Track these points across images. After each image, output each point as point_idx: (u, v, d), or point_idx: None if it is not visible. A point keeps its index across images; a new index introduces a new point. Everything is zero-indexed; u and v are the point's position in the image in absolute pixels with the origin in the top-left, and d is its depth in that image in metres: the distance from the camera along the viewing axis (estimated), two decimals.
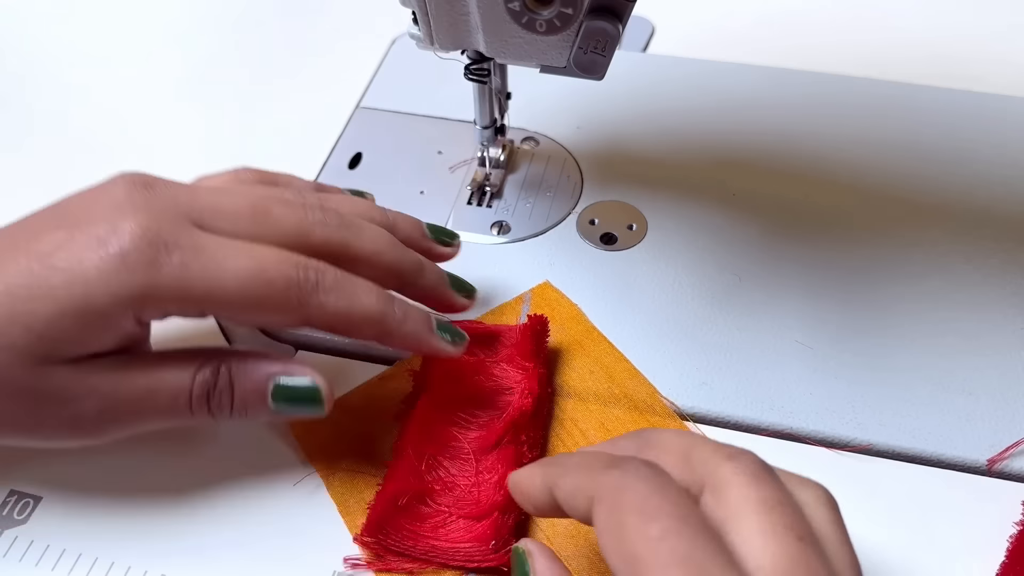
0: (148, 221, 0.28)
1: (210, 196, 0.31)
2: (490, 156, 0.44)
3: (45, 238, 0.28)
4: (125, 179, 0.30)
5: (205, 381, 0.29)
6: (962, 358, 0.36)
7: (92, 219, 0.28)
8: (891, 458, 0.34)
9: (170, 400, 0.29)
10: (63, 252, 0.28)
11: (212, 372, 0.30)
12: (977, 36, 0.52)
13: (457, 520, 0.31)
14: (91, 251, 0.28)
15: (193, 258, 0.28)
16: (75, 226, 0.28)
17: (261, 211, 0.31)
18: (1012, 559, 0.30)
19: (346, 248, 0.32)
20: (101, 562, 0.31)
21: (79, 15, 0.57)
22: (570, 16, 0.31)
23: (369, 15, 0.55)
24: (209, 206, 0.30)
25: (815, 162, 0.44)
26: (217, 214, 0.30)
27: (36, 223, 0.30)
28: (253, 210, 0.31)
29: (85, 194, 0.30)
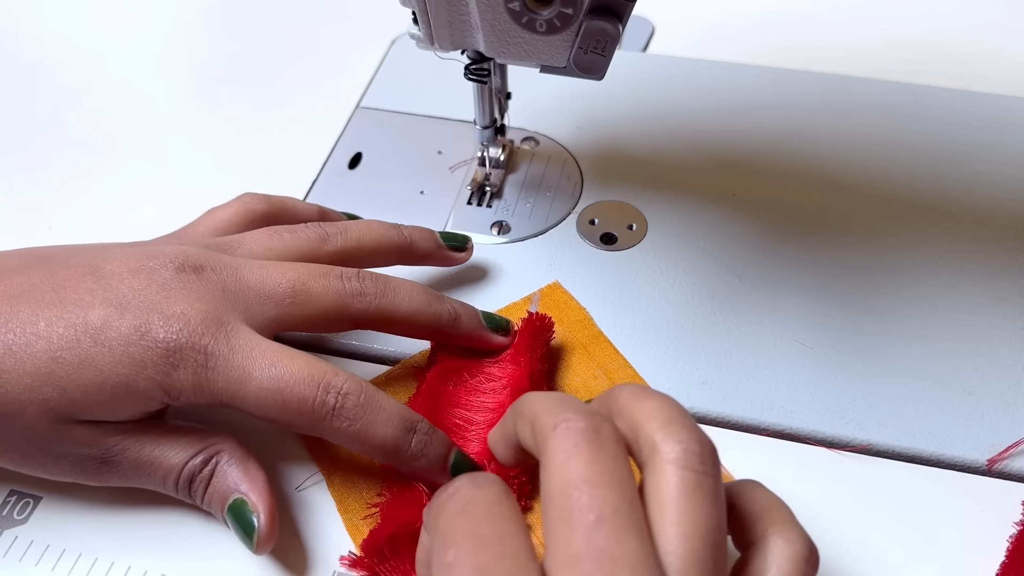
0: (197, 324, 0.30)
1: (253, 279, 0.32)
2: (490, 156, 0.44)
3: (94, 312, 0.30)
4: (175, 260, 0.31)
5: (192, 469, 0.31)
6: (962, 358, 0.36)
7: (143, 304, 0.30)
8: (891, 458, 0.34)
9: (162, 476, 0.31)
10: (112, 332, 0.29)
11: (201, 463, 0.31)
12: (978, 36, 0.52)
13: None
14: (139, 337, 0.29)
15: (224, 365, 0.30)
16: (125, 308, 0.30)
17: (301, 292, 0.32)
18: (1012, 559, 0.30)
19: (383, 315, 0.33)
20: (101, 562, 0.31)
21: (81, 15, 0.57)
22: (570, 16, 0.31)
23: (369, 15, 0.55)
24: (253, 292, 0.32)
25: (815, 162, 0.44)
26: (260, 300, 0.32)
27: (81, 285, 0.30)
28: (294, 292, 0.32)
29: (130, 264, 0.31)
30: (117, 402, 0.30)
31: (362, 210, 0.41)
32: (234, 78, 0.52)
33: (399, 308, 0.33)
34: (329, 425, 0.30)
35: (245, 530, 0.30)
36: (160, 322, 0.29)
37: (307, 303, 0.32)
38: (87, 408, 0.29)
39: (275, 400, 0.30)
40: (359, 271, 0.34)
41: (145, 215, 0.44)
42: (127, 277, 0.31)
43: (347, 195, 0.44)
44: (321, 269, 0.33)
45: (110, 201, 0.40)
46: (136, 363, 0.29)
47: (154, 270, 0.31)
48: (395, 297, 0.33)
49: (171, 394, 0.30)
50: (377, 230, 0.37)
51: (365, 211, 0.41)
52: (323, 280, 0.33)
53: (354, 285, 0.33)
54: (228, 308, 0.31)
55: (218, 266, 0.32)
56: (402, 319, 0.34)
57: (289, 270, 0.33)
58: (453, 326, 0.34)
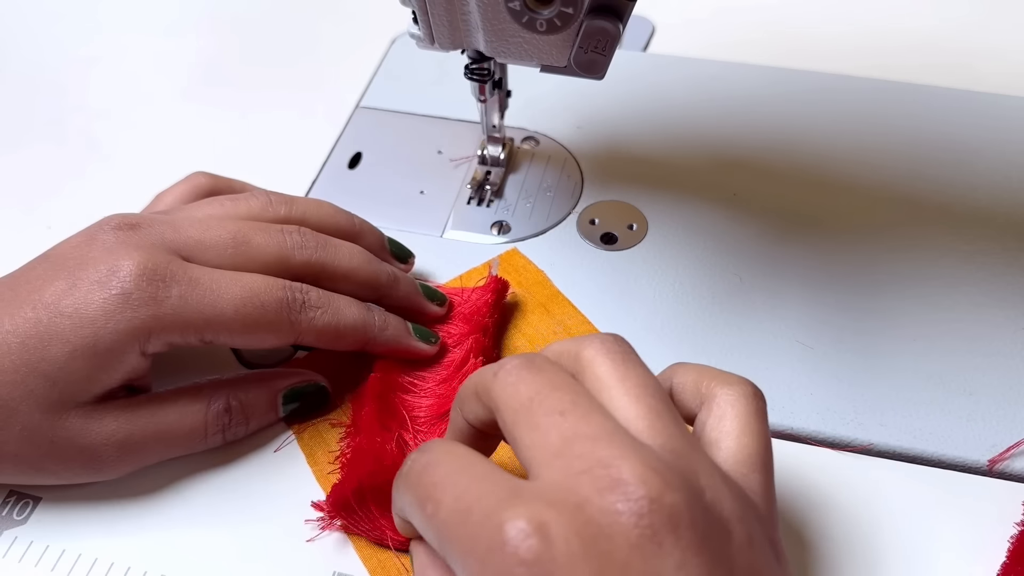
0: (143, 259, 0.30)
1: (193, 230, 0.33)
2: (490, 155, 0.44)
3: (48, 288, 0.30)
4: (110, 222, 0.32)
5: (219, 415, 0.32)
6: (963, 358, 0.36)
7: (89, 264, 0.30)
8: (892, 458, 0.34)
9: (186, 436, 0.32)
10: (67, 299, 0.30)
11: (224, 406, 0.32)
12: (977, 36, 0.52)
13: None
14: (94, 294, 0.30)
15: (190, 290, 0.30)
16: (74, 273, 0.30)
17: (242, 241, 0.33)
18: (1013, 560, 0.30)
19: (324, 268, 0.34)
20: (101, 562, 0.31)
21: (80, 15, 0.57)
22: (570, 15, 0.31)
23: (369, 14, 0.55)
24: (194, 240, 0.32)
25: (815, 162, 0.44)
26: (202, 247, 0.32)
27: (33, 274, 0.31)
28: (235, 241, 0.33)
29: (74, 241, 0.32)
30: (96, 368, 0.30)
31: (362, 210, 0.41)
32: (234, 77, 0.52)
33: (339, 262, 0.34)
34: (307, 318, 0.32)
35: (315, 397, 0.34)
36: (109, 275, 0.30)
37: (248, 253, 0.33)
38: (71, 385, 0.30)
39: (254, 306, 0.31)
40: (300, 227, 0.34)
41: None
42: (70, 252, 0.31)
43: (347, 195, 0.44)
44: (261, 224, 0.34)
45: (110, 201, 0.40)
46: (96, 321, 0.29)
47: (94, 236, 0.32)
48: (336, 252, 0.34)
49: (144, 339, 0.30)
50: (326, 209, 0.37)
51: (365, 211, 0.41)
52: (264, 233, 0.33)
53: (295, 238, 0.34)
54: (170, 254, 0.31)
55: (154, 221, 0.32)
56: (342, 274, 0.34)
57: (229, 223, 0.33)
58: (391, 287, 0.35)
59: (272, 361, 0.37)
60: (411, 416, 0.34)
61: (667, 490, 0.22)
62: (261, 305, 0.31)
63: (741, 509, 0.23)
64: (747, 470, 0.26)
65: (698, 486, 0.23)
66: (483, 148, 0.44)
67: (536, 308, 0.38)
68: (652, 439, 0.24)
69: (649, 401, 0.25)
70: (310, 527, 0.32)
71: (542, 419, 0.24)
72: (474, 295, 0.38)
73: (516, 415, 0.24)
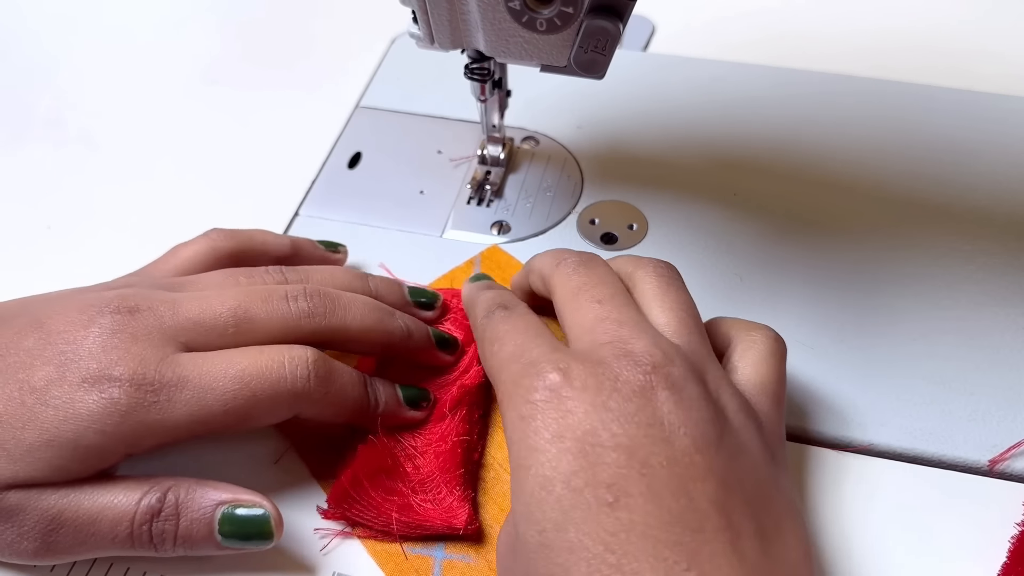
0: (135, 365, 0.29)
1: (192, 310, 0.31)
2: (490, 154, 0.44)
3: (37, 372, 0.29)
4: (111, 304, 0.31)
5: (150, 507, 0.29)
6: (963, 358, 0.36)
7: (83, 356, 0.29)
8: (892, 458, 0.34)
9: (111, 526, 0.29)
10: (55, 390, 0.29)
11: (159, 499, 0.29)
12: (978, 36, 0.52)
13: (418, 494, 0.32)
14: (83, 392, 0.29)
15: (178, 392, 0.29)
16: (65, 364, 0.29)
17: (244, 319, 0.31)
18: (1013, 560, 0.30)
19: (334, 334, 0.33)
20: (101, 563, 0.31)
21: (80, 14, 0.57)
22: (571, 15, 0.31)
23: (368, 14, 0.55)
24: (192, 323, 0.31)
25: (816, 162, 0.44)
26: (202, 330, 0.31)
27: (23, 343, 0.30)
28: (236, 319, 0.31)
29: (70, 315, 0.31)
30: (69, 460, 0.28)
31: (362, 210, 0.41)
32: (233, 77, 0.52)
33: (350, 327, 0.33)
34: (308, 395, 0.30)
35: (256, 527, 0.29)
36: (101, 373, 0.29)
37: (252, 331, 0.31)
38: (32, 467, 0.28)
39: (246, 398, 0.29)
40: (305, 288, 0.33)
41: (144, 215, 0.44)
42: (65, 331, 0.30)
43: (346, 195, 0.44)
44: (264, 292, 0.32)
45: (109, 201, 0.40)
46: (82, 418, 0.28)
47: (92, 319, 0.30)
48: (345, 316, 0.33)
49: (130, 442, 0.29)
50: (341, 278, 0.35)
51: (365, 211, 0.41)
52: (266, 305, 0.32)
53: (301, 306, 0.32)
54: (167, 343, 0.30)
55: (154, 303, 0.31)
56: (354, 337, 0.33)
57: (229, 297, 0.32)
58: (404, 343, 0.34)
59: None
60: None
61: (670, 364, 0.27)
62: (253, 396, 0.30)
63: (740, 408, 0.27)
64: (757, 392, 0.29)
65: (702, 376, 0.27)
66: (483, 148, 0.44)
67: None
68: (674, 339, 0.29)
69: (680, 313, 0.30)
70: (320, 536, 0.32)
71: (583, 303, 0.30)
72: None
73: (565, 298, 0.31)
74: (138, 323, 0.30)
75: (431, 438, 0.33)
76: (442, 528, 0.31)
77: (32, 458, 0.28)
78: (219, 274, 0.34)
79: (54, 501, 0.29)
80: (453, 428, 0.33)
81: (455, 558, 0.31)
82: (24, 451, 0.28)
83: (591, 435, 0.25)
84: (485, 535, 0.31)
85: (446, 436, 0.33)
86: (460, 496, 0.31)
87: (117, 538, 0.29)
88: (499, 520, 0.32)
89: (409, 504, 0.31)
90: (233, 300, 0.32)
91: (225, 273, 0.34)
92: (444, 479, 0.32)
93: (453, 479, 0.32)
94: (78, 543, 0.29)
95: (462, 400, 0.34)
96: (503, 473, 0.33)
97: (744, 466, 0.26)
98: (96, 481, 0.29)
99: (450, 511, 0.31)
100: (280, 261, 0.37)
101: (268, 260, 0.37)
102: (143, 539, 0.29)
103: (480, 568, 0.31)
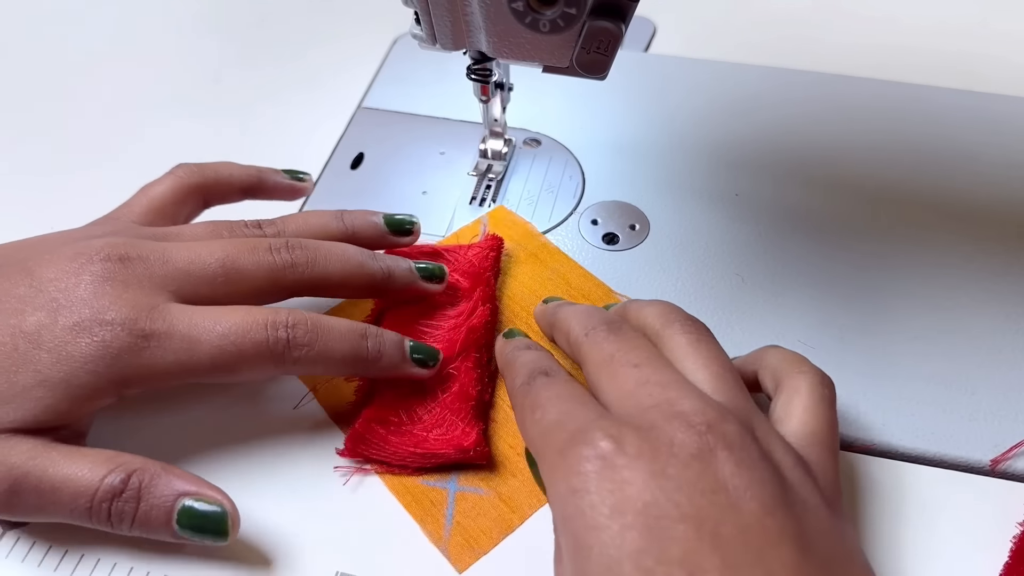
0: (128, 310, 0.30)
1: (182, 261, 0.32)
2: (492, 149, 0.44)
3: (29, 318, 0.30)
4: (101, 251, 0.31)
5: (112, 487, 0.29)
6: (965, 358, 0.36)
7: (75, 302, 0.30)
8: (894, 458, 0.34)
9: (72, 498, 0.29)
10: (47, 334, 0.30)
11: (122, 480, 0.29)
12: (977, 36, 0.52)
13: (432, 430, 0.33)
14: (76, 336, 0.30)
15: (168, 340, 0.30)
16: (57, 310, 0.30)
17: (232, 270, 0.32)
18: (1015, 559, 0.30)
19: (317, 284, 0.34)
20: (103, 564, 0.31)
21: (81, 14, 0.57)
22: (573, 16, 0.31)
23: (370, 15, 0.55)
24: (183, 272, 0.32)
25: (817, 162, 0.44)
26: (192, 280, 0.32)
27: (14, 291, 0.31)
28: (225, 270, 0.32)
29: (60, 263, 0.31)
30: (59, 398, 0.29)
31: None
32: (235, 78, 0.52)
33: (332, 273, 0.34)
34: (290, 356, 0.31)
35: (213, 524, 0.29)
36: (93, 318, 0.30)
37: (239, 280, 0.32)
38: (23, 407, 0.29)
39: (231, 353, 0.30)
40: (287, 241, 0.34)
41: None
42: (57, 279, 0.31)
43: (349, 196, 0.44)
44: (249, 244, 0.33)
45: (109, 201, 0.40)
46: (75, 359, 0.29)
47: (83, 267, 0.31)
48: (327, 264, 0.34)
49: (120, 383, 0.30)
50: (315, 223, 0.36)
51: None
52: (253, 255, 0.33)
53: (284, 257, 0.33)
54: (158, 291, 0.31)
55: (144, 252, 0.32)
56: (337, 283, 0.34)
57: (217, 248, 0.33)
58: (387, 283, 0.35)
59: None
60: None
61: (724, 422, 0.26)
62: (238, 352, 0.30)
63: (795, 464, 0.26)
64: (807, 443, 0.28)
65: (752, 431, 0.26)
66: (484, 142, 0.44)
67: (528, 258, 0.40)
68: (715, 396, 0.28)
69: (716, 369, 0.29)
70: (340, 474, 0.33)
71: (619, 369, 0.29)
72: (471, 252, 0.39)
73: (599, 368, 0.30)
74: (129, 271, 0.31)
75: (443, 380, 0.35)
76: (453, 453, 0.32)
77: (24, 398, 0.29)
78: (201, 226, 0.35)
79: (22, 461, 0.29)
80: (463, 369, 0.34)
81: (467, 490, 0.33)
82: (16, 392, 0.29)
83: (654, 507, 0.24)
84: (496, 467, 0.33)
85: (457, 377, 0.34)
86: (469, 423, 0.33)
87: (76, 510, 0.29)
88: (509, 457, 0.33)
89: (422, 438, 0.33)
90: (221, 251, 0.33)
91: (207, 226, 0.35)
92: (454, 413, 0.33)
93: (463, 411, 0.33)
94: (37, 508, 0.29)
95: (470, 342, 0.35)
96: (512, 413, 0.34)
97: (812, 525, 0.25)
98: (65, 449, 0.30)
99: (460, 436, 0.33)
100: (247, 191, 0.39)
101: (235, 191, 0.38)
102: (101, 515, 0.29)
103: (491, 500, 0.32)
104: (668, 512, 0.23)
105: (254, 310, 0.31)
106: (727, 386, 0.28)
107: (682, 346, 0.30)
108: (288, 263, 0.33)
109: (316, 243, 0.34)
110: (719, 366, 0.29)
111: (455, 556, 0.31)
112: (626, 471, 0.24)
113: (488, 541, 0.31)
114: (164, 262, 0.32)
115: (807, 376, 0.30)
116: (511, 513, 0.32)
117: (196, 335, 0.30)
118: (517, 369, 0.32)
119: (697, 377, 0.28)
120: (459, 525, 0.32)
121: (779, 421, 0.29)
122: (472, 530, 0.32)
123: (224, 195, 0.39)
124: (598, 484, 0.24)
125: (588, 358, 0.30)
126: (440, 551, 0.31)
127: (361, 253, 0.35)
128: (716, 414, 0.26)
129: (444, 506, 0.32)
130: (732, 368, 0.29)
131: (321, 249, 0.34)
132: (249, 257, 0.33)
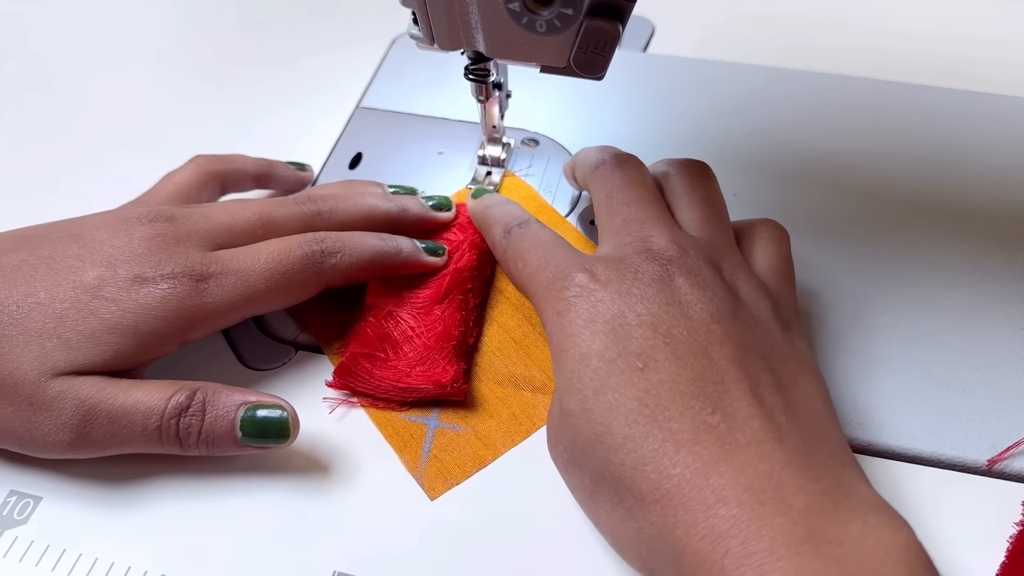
0: (183, 261, 0.33)
1: (223, 216, 0.35)
2: (490, 155, 0.44)
3: (89, 272, 0.32)
4: (148, 214, 0.34)
5: (178, 404, 0.31)
6: (962, 358, 0.36)
7: (131, 258, 0.33)
8: (891, 458, 0.34)
9: (143, 419, 0.31)
10: (109, 287, 0.32)
11: (187, 396, 0.31)
12: (977, 36, 0.52)
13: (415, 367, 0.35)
14: (139, 286, 0.32)
15: (224, 278, 0.33)
16: (115, 264, 0.32)
17: (267, 220, 0.36)
18: (1012, 559, 0.30)
19: (344, 225, 0.37)
20: (101, 562, 0.31)
21: (79, 14, 0.57)
22: (570, 16, 0.31)
23: (369, 15, 0.55)
24: (225, 227, 0.35)
25: (815, 162, 0.44)
26: (233, 232, 0.35)
27: (68, 252, 0.33)
28: (261, 220, 0.36)
29: (106, 229, 0.34)
30: (129, 344, 0.31)
31: None
32: (234, 78, 0.52)
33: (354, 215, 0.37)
34: (328, 263, 0.35)
35: (275, 427, 0.32)
36: (153, 271, 0.32)
37: (275, 228, 0.36)
38: (93, 352, 0.31)
39: (280, 273, 0.34)
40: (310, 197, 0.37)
41: None
42: (110, 239, 0.33)
43: None
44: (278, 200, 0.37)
45: (110, 201, 0.40)
46: (141, 307, 0.31)
47: (132, 227, 0.33)
48: (347, 208, 0.37)
49: (187, 327, 0.32)
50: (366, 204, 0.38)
51: None
52: (284, 207, 0.36)
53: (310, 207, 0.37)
54: (204, 245, 0.34)
55: (187, 212, 0.35)
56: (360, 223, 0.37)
57: (253, 204, 0.36)
58: (403, 216, 0.39)
59: (273, 363, 0.37)
60: (411, 301, 0.37)
61: (685, 255, 0.30)
62: (286, 270, 0.34)
63: (754, 289, 0.31)
64: (770, 275, 0.33)
65: (718, 264, 0.31)
66: (483, 148, 0.44)
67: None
68: (697, 233, 0.32)
69: (706, 210, 0.33)
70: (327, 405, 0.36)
71: (615, 206, 0.33)
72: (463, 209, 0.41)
73: (599, 203, 0.34)
74: (177, 227, 0.34)
75: (428, 320, 0.36)
76: (432, 388, 0.34)
77: (94, 342, 0.31)
78: (229, 200, 0.39)
79: (93, 392, 0.31)
80: (448, 311, 0.36)
81: (446, 427, 0.35)
82: (84, 338, 0.31)
83: (619, 317, 0.29)
84: (475, 407, 0.35)
85: (442, 317, 0.36)
86: (449, 361, 0.35)
87: (147, 431, 0.31)
88: (489, 400, 0.35)
89: (405, 373, 0.35)
90: (256, 205, 0.36)
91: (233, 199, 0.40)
92: (436, 351, 0.35)
93: (444, 349, 0.35)
94: (110, 435, 0.31)
95: (454, 283, 0.37)
96: (495, 359, 0.37)
97: (759, 333, 0.29)
98: (129, 380, 0.32)
99: (439, 372, 0.35)
100: (258, 180, 0.42)
101: (248, 179, 0.42)
102: (170, 433, 0.31)
103: (467, 437, 0.34)
104: (630, 320, 0.28)
105: (287, 237, 0.35)
106: (709, 224, 0.33)
107: (681, 186, 0.34)
108: (314, 211, 0.37)
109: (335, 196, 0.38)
110: (709, 207, 0.33)
111: (429, 485, 0.33)
112: (599, 293, 0.29)
113: (461, 473, 0.34)
114: (207, 219, 0.35)
115: (764, 223, 0.35)
116: (485, 450, 0.34)
117: (246, 268, 0.33)
118: (493, 223, 0.37)
119: (686, 216, 0.33)
120: (435, 458, 0.34)
121: (745, 259, 0.33)
122: (447, 463, 0.34)
123: (239, 182, 0.42)
124: (576, 305, 0.29)
125: (593, 193, 0.35)
126: (415, 479, 0.33)
127: (376, 194, 0.39)
128: (679, 249, 0.30)
129: (423, 440, 0.34)
130: (721, 211, 0.34)
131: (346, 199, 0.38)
132: (282, 209, 0.36)
